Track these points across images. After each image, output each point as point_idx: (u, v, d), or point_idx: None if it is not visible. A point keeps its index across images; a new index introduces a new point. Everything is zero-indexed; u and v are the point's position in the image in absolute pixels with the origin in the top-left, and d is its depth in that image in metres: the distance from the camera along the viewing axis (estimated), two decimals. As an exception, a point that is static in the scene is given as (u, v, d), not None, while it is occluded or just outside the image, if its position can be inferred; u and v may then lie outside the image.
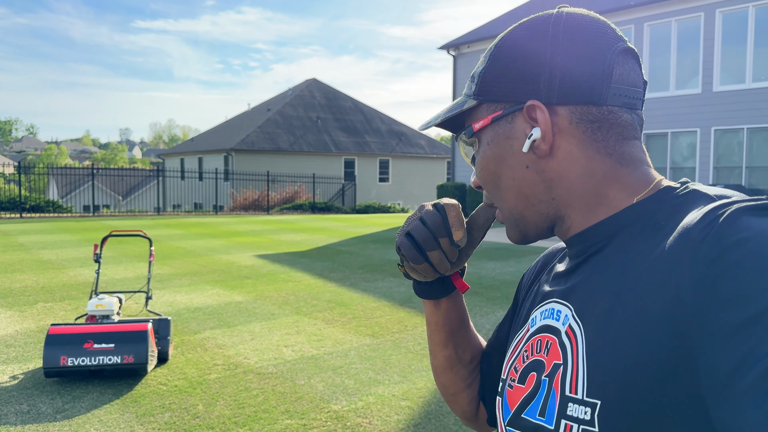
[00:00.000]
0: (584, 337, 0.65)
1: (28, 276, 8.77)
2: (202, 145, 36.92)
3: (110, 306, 4.95)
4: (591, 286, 0.68)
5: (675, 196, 0.69)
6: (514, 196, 0.75)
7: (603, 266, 0.69)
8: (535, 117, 0.72)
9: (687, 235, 0.59)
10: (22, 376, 4.74)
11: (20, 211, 18.70)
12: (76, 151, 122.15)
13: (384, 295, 7.75)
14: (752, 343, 0.50)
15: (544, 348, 0.72)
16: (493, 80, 0.75)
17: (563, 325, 0.69)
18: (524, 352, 0.76)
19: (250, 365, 5.04)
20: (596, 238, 0.71)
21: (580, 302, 0.68)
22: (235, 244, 12.92)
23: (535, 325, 0.76)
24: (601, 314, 0.64)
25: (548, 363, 0.69)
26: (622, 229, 0.70)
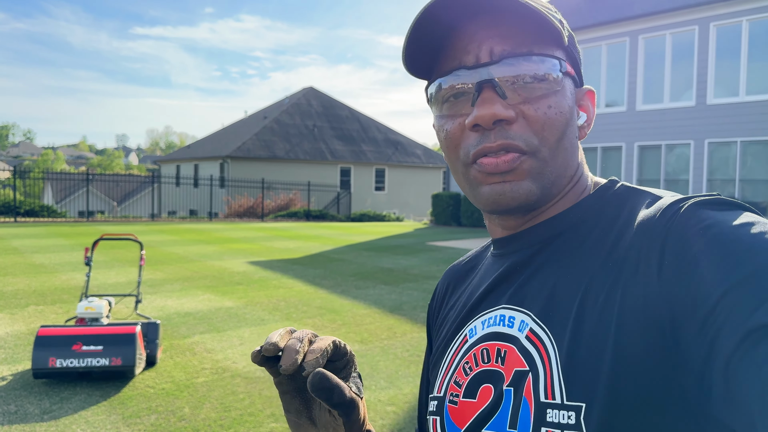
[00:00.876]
0: (554, 341, 0.63)
1: (20, 279, 8.77)
2: (198, 152, 36.96)
3: (99, 309, 4.97)
4: (549, 288, 0.67)
5: (615, 193, 0.71)
6: (563, 158, 0.70)
7: (556, 266, 0.68)
8: (586, 105, 0.75)
9: (650, 230, 0.61)
10: (11, 377, 4.75)
11: (15, 216, 18.69)
12: (73, 156, 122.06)
13: (374, 303, 7.78)
14: (722, 320, 0.51)
15: (495, 357, 0.68)
16: (572, 41, 0.73)
17: (521, 332, 0.67)
18: (465, 364, 0.72)
19: (237, 369, 5.06)
20: (556, 229, 0.71)
21: (540, 306, 0.66)
22: (228, 251, 12.94)
23: (475, 335, 0.73)
24: (570, 316, 0.62)
25: (507, 372, 0.66)
26: (573, 225, 0.70)
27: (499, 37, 0.67)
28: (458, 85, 0.68)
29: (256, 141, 33.19)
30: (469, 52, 0.68)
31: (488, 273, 0.78)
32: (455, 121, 0.69)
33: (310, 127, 36.63)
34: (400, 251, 13.35)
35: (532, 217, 0.73)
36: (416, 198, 37.55)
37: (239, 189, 28.25)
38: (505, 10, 0.66)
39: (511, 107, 0.66)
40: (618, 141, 17.00)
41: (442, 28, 0.69)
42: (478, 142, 0.67)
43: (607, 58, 17.39)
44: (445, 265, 11.26)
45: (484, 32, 0.67)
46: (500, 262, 0.75)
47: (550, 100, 0.67)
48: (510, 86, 0.66)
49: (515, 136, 0.66)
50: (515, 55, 0.66)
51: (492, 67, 0.66)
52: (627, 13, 16.77)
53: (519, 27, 0.67)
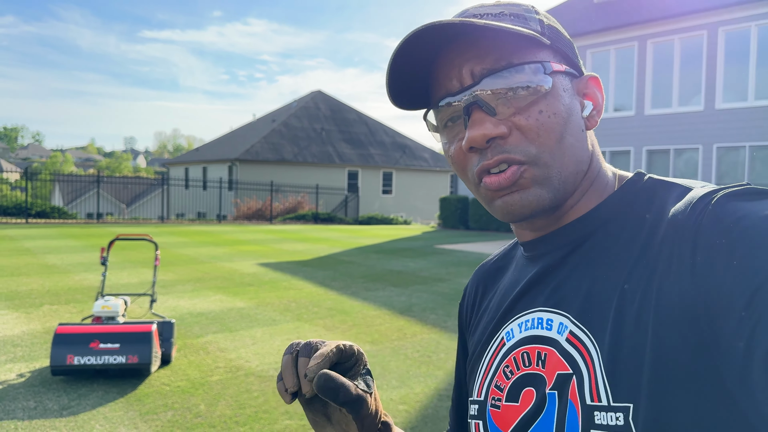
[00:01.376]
0: (595, 342, 0.63)
1: (34, 279, 8.88)
2: (207, 155, 37.15)
3: (116, 307, 5.06)
4: (585, 289, 0.67)
5: (644, 187, 0.71)
6: (569, 156, 0.69)
7: (590, 266, 0.68)
8: (592, 92, 0.73)
9: (682, 225, 0.60)
10: (29, 374, 4.84)
11: (26, 217, 18.86)
12: (81, 159, 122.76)
13: (384, 304, 7.84)
14: (759, 312, 0.51)
15: (536, 360, 0.68)
16: (556, 34, 0.72)
17: (560, 334, 0.67)
18: (506, 368, 0.72)
19: (251, 368, 5.13)
20: (587, 228, 0.71)
21: (579, 307, 0.66)
22: (238, 252, 13.03)
23: (513, 339, 0.73)
24: (609, 316, 0.62)
25: (548, 375, 0.66)
26: (603, 223, 0.70)
27: (477, 57, 0.68)
28: (450, 109, 0.70)
29: (264, 144, 33.33)
30: (452, 78, 0.69)
31: (521, 275, 0.78)
32: (455, 144, 0.71)
33: (318, 130, 36.75)
34: (409, 254, 13.40)
35: (559, 217, 0.73)
36: (423, 201, 37.58)
37: (248, 191, 28.38)
38: (475, 33, 0.68)
39: (502, 122, 0.67)
40: (626, 145, 17.01)
41: (420, 62, 0.71)
42: (478, 161, 0.69)
43: (615, 62, 17.42)
44: (454, 267, 11.31)
45: (461, 56, 0.69)
46: (532, 264, 0.76)
47: (540, 105, 0.67)
48: (497, 101, 0.67)
49: (511, 149, 0.66)
50: (495, 70, 0.67)
51: (474, 87, 0.67)
52: (635, 18, 16.79)
53: (494, 43, 0.68)
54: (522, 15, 0.70)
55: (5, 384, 4.60)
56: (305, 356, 0.69)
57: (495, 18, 0.69)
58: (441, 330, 6.56)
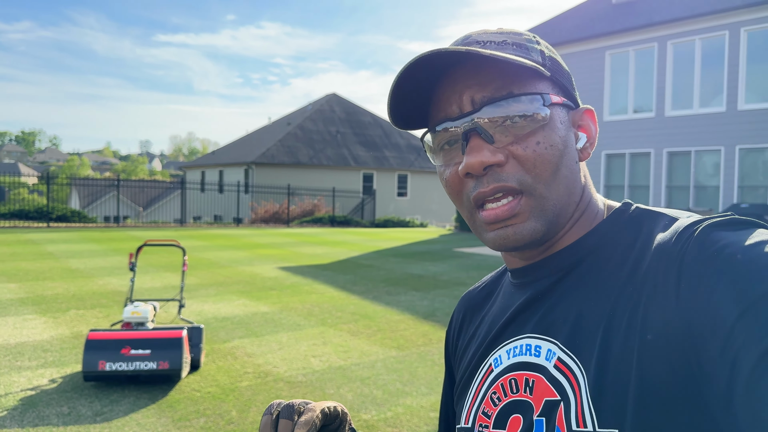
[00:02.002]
0: (582, 369, 0.63)
1: (58, 284, 8.96)
2: (223, 158, 37.34)
3: (145, 313, 5.08)
4: (573, 316, 0.67)
5: (631, 216, 0.71)
6: (564, 187, 0.70)
7: (579, 293, 0.68)
8: (586, 124, 0.74)
9: (667, 253, 0.61)
10: (61, 379, 4.87)
11: (47, 221, 19.05)
12: (97, 162, 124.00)
13: (407, 309, 7.82)
14: (740, 341, 0.52)
15: (524, 387, 0.69)
16: (556, 65, 0.73)
17: (548, 361, 0.67)
18: (492, 395, 0.72)
19: (279, 374, 5.13)
20: (575, 256, 0.71)
21: (567, 334, 0.67)
22: (258, 256, 13.07)
23: (501, 365, 0.73)
24: (596, 343, 0.63)
25: (536, 402, 0.67)
26: (592, 252, 0.70)
27: (478, 85, 0.68)
28: (448, 133, 0.71)
29: (280, 147, 33.44)
30: (452, 103, 0.70)
31: (509, 301, 0.78)
32: (451, 169, 0.71)
33: (333, 133, 36.82)
34: (428, 257, 13.37)
35: (549, 246, 0.73)
36: (439, 204, 37.52)
37: (264, 195, 28.48)
38: (478, 60, 0.69)
39: (500, 150, 0.67)
40: (646, 147, 16.86)
41: (422, 85, 0.72)
42: (473, 187, 0.69)
43: (635, 63, 17.28)
44: (475, 271, 11.26)
45: (463, 82, 0.69)
46: (521, 291, 0.76)
47: (537, 136, 0.68)
48: (496, 129, 0.68)
49: (508, 177, 0.67)
50: (496, 99, 0.68)
51: (474, 114, 0.68)
52: (655, 18, 16.64)
53: (496, 71, 0.68)
54: (524, 45, 0.71)
55: (38, 389, 4.64)
56: (286, 418, 0.68)
57: (498, 47, 0.70)
58: (466, 335, 6.53)
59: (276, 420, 0.69)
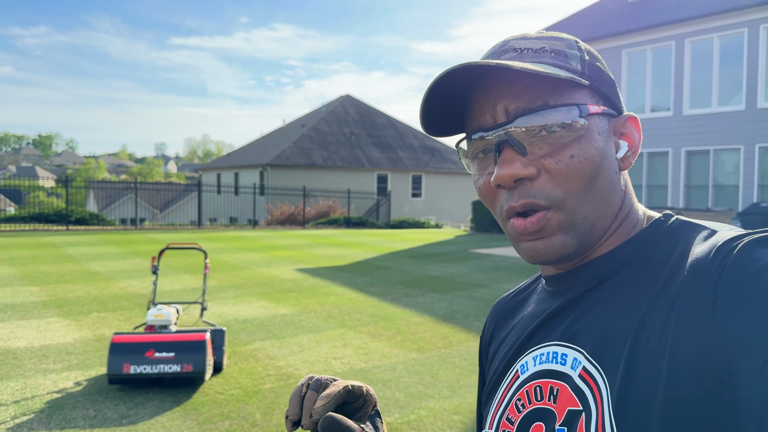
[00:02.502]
0: (606, 380, 0.62)
1: (79, 287, 9.05)
2: (238, 161, 37.54)
3: (168, 316, 5.11)
4: (602, 326, 0.66)
5: (669, 228, 0.70)
6: (599, 200, 0.69)
7: (609, 304, 0.67)
8: (629, 132, 0.72)
9: (704, 269, 0.60)
10: (86, 382, 4.92)
11: (66, 224, 19.26)
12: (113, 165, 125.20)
13: (426, 311, 7.80)
14: None
15: (548, 395, 0.68)
16: (597, 72, 0.71)
17: (574, 369, 0.66)
18: (518, 401, 0.72)
19: (301, 376, 5.13)
20: (612, 266, 0.70)
21: (594, 344, 0.65)
22: (275, 258, 13.11)
23: (527, 372, 0.72)
24: (623, 354, 0.62)
25: (559, 411, 0.65)
26: (627, 262, 0.69)
27: (513, 95, 0.67)
28: (482, 143, 0.70)
29: (294, 149, 33.56)
30: (486, 113, 0.69)
31: (541, 307, 0.77)
32: (484, 178, 0.71)
33: (347, 134, 36.88)
34: (445, 258, 13.34)
35: (585, 255, 0.72)
36: (453, 204, 37.44)
37: (279, 197, 28.59)
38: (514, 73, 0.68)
39: (532, 163, 0.66)
40: (664, 146, 16.70)
41: (457, 93, 0.71)
42: (506, 200, 0.69)
43: (652, 62, 17.14)
44: (492, 272, 11.23)
45: (497, 92, 0.68)
46: (553, 299, 0.75)
47: (572, 149, 0.66)
48: (529, 141, 0.66)
49: (537, 194, 0.66)
50: (530, 111, 0.66)
51: (508, 125, 0.67)
52: (673, 16, 16.50)
53: (531, 81, 0.67)
54: (563, 52, 0.70)
55: (64, 392, 4.68)
56: (314, 390, 0.72)
57: (535, 54, 0.69)
58: (487, 337, 6.50)
59: (304, 390, 0.73)
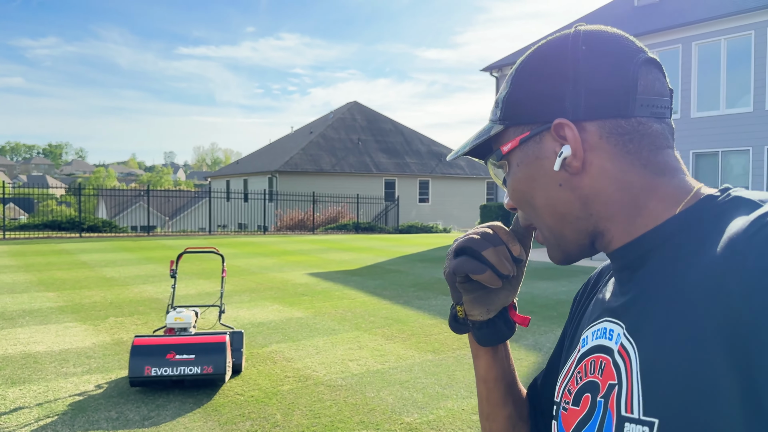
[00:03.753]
0: (638, 355, 0.63)
1: (95, 292, 9.14)
2: (247, 168, 37.71)
3: (188, 319, 5.18)
4: (642, 303, 0.67)
5: (717, 204, 0.68)
6: (550, 216, 0.74)
7: (652, 280, 0.67)
8: (564, 135, 0.71)
9: (733, 246, 0.59)
10: (106, 385, 4.99)
11: (79, 231, 19.42)
12: (123, 173, 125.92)
13: (439, 313, 7.84)
14: None
15: (598, 369, 0.70)
16: (517, 103, 0.75)
17: (615, 344, 0.68)
18: (577, 374, 0.75)
19: (319, 378, 5.19)
20: (640, 251, 0.70)
21: (632, 319, 0.67)
22: (287, 263, 13.18)
23: (586, 346, 0.75)
24: (655, 330, 0.62)
25: (603, 384, 0.68)
26: (666, 240, 0.68)
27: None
28: None
29: (303, 155, 33.70)
30: None
31: (603, 283, 0.82)
32: None
33: (354, 140, 37.00)
34: (455, 262, 13.37)
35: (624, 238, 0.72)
36: (460, 209, 37.46)
37: (288, 202, 28.70)
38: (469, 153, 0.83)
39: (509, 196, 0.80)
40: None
41: None
42: None
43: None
44: (503, 276, 11.25)
45: None
46: (613, 274, 0.77)
47: (510, 185, 0.78)
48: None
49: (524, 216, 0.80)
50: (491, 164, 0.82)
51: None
52: (679, 20, 16.49)
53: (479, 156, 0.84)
54: (497, 100, 0.79)
55: (86, 395, 4.76)
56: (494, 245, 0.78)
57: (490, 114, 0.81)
58: (501, 339, 6.54)
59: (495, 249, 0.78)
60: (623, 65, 0.70)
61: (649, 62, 0.71)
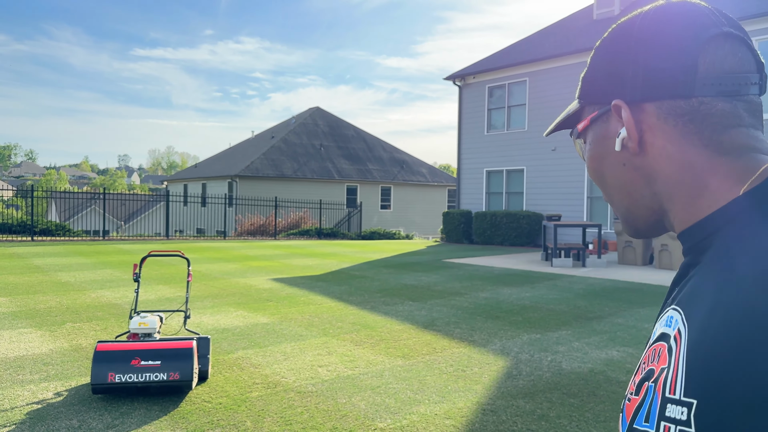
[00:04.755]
0: (687, 338, 0.63)
1: (50, 297, 8.81)
2: (206, 172, 37.12)
3: (152, 324, 5.02)
4: (699, 286, 0.66)
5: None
6: (618, 193, 0.78)
7: (711, 265, 0.67)
8: (621, 115, 0.73)
9: None
10: (66, 393, 4.79)
11: (31, 234, 18.74)
12: (75, 176, 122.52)
13: (407, 318, 7.81)
14: None
15: (657, 356, 0.69)
16: (590, 83, 0.79)
17: (673, 330, 0.67)
18: (643, 365, 0.74)
19: (288, 384, 5.09)
20: (703, 234, 0.70)
21: (688, 304, 0.66)
22: (250, 268, 12.98)
23: (654, 336, 0.74)
24: (704, 312, 0.62)
25: (657, 369, 0.67)
26: (728, 222, 0.67)
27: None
28: None
29: (264, 160, 33.36)
30: None
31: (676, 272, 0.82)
32: None
33: (317, 146, 36.85)
34: (419, 268, 13.39)
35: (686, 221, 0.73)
36: (422, 216, 37.66)
37: (249, 207, 28.34)
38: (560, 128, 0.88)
39: None
40: None
41: None
42: None
43: None
44: (467, 281, 11.30)
45: None
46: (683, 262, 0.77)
47: (587, 163, 0.81)
48: None
49: None
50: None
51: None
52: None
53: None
54: (580, 78, 0.83)
55: (44, 403, 4.55)
56: None
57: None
58: (469, 344, 6.54)
59: None
60: (683, 43, 0.69)
61: (722, 37, 0.69)
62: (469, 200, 22.63)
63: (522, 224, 19.88)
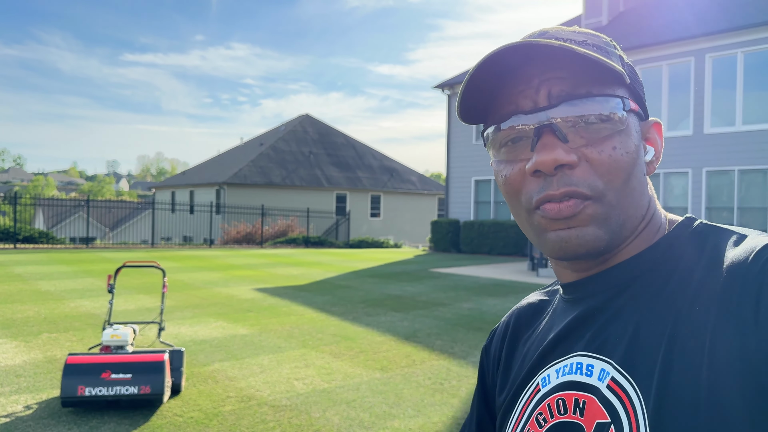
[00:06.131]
0: (639, 391, 0.59)
1: (28, 307, 8.70)
2: (194, 179, 36.97)
3: (125, 336, 4.95)
4: (630, 334, 0.63)
5: (695, 231, 0.68)
6: (631, 198, 0.67)
7: (637, 310, 0.64)
8: (653, 138, 0.71)
9: (743, 275, 0.57)
10: (36, 406, 4.71)
11: (14, 242, 18.56)
12: (63, 182, 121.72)
13: (388, 330, 7.77)
14: None
15: (573, 408, 0.64)
16: (634, 75, 0.71)
17: (601, 381, 0.63)
18: (538, 416, 0.68)
19: (263, 398, 5.03)
20: (623, 275, 0.67)
21: (622, 353, 0.62)
22: (233, 278, 12.90)
23: (548, 385, 0.69)
24: (656, 363, 0.59)
25: (587, 424, 0.62)
26: (652, 268, 0.66)
27: (557, 78, 0.65)
28: (516, 129, 0.66)
29: (252, 167, 33.26)
30: (527, 97, 0.66)
31: (560, 318, 0.74)
32: (515, 166, 0.67)
33: (306, 153, 36.79)
34: (405, 278, 13.35)
35: (605, 259, 0.69)
36: (412, 224, 37.64)
37: (236, 215, 28.22)
38: (559, 55, 0.64)
39: (573, 151, 0.64)
40: (683, 167, 16.03)
41: (497, 75, 0.67)
42: (540, 188, 0.65)
43: (668, 78, 16.51)
44: (452, 292, 11.27)
45: (540, 75, 0.65)
46: (573, 308, 0.71)
47: (614, 140, 0.64)
48: (571, 129, 0.64)
49: (578, 182, 0.63)
50: (574, 96, 0.64)
51: (551, 110, 0.64)
52: (692, 31, 15.89)
53: (577, 68, 0.64)
54: (604, 48, 0.68)
55: (13, 416, 4.47)
56: None
57: (579, 45, 0.66)
58: (449, 356, 6.50)
59: None
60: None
61: None
62: (458, 209, 22.64)
63: (509, 234, 19.91)
